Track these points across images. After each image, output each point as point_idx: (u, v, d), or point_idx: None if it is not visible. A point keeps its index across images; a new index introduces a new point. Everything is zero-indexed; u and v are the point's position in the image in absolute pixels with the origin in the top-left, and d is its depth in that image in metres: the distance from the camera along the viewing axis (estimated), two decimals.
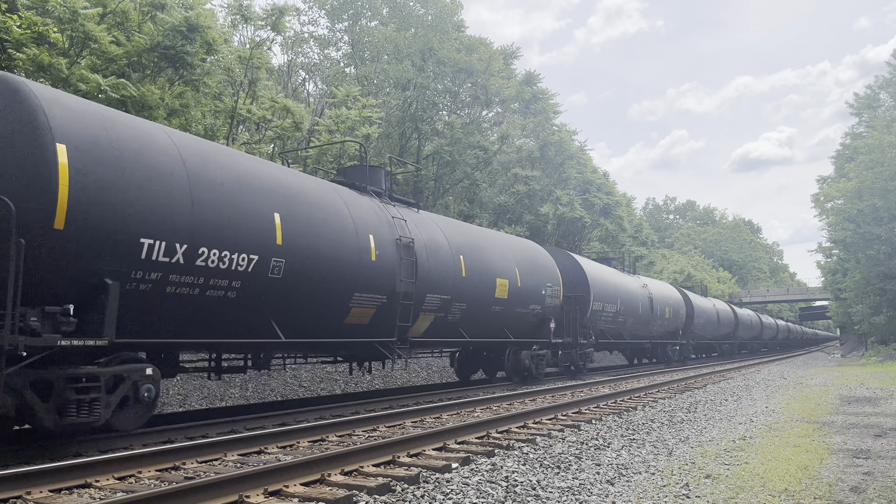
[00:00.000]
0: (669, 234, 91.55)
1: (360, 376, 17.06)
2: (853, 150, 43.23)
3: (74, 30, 12.22)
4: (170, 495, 4.56)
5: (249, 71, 17.42)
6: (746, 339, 46.06)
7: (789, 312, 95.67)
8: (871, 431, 9.00)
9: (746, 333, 45.02)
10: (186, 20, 13.40)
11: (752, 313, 48.95)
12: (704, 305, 34.42)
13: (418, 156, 28.89)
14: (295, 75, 28.59)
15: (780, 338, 62.42)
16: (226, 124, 16.80)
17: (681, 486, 5.67)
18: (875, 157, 37.06)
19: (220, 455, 6.64)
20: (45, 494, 5.17)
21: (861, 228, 37.31)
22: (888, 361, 30.53)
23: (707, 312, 34.26)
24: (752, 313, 49.55)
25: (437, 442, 7.34)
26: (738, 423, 9.71)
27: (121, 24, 13.90)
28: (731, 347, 41.53)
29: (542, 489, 5.49)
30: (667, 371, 23.00)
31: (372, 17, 32.86)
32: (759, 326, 49.00)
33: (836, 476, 6.13)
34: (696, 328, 31.95)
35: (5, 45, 11.42)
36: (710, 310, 35.10)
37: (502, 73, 33.31)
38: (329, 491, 5.31)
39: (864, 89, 50.78)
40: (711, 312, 35.19)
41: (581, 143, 41.88)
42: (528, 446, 7.52)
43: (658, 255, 55.33)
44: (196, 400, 12.72)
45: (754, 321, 47.51)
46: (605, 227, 40.07)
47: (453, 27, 32.85)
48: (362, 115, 20.12)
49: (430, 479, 5.79)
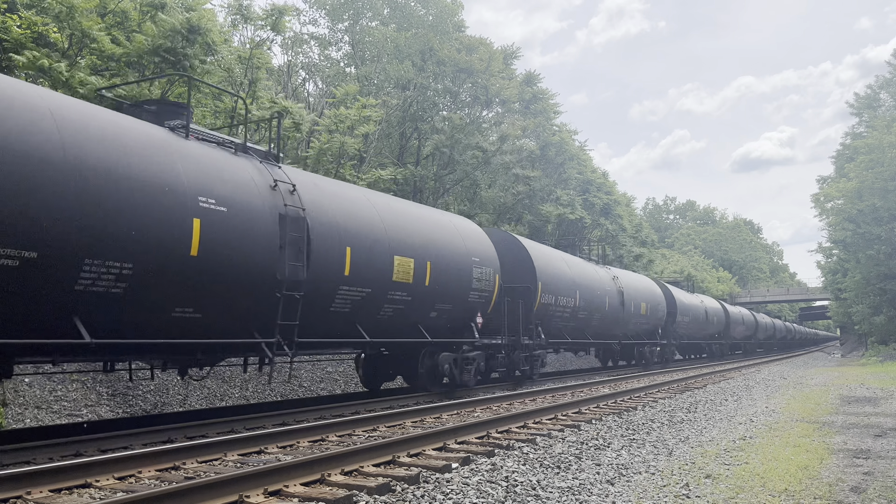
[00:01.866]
0: (669, 234, 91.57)
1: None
2: (853, 150, 43.23)
3: (72, 27, 12.21)
4: (170, 495, 4.56)
5: (249, 71, 17.42)
6: (739, 338, 43.46)
7: (789, 312, 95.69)
8: (871, 431, 9.00)
9: (739, 333, 42.42)
10: (188, 21, 13.40)
11: (746, 311, 46.38)
12: (690, 302, 31.63)
13: (418, 155, 28.90)
14: (295, 75, 28.59)
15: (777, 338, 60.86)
16: (225, 124, 16.80)
17: (681, 486, 5.66)
18: (875, 157, 37.07)
19: (220, 455, 6.64)
20: (45, 494, 5.16)
21: (861, 228, 37.31)
22: (888, 361, 30.52)
23: (693, 309, 31.42)
24: (747, 311, 47.06)
25: (437, 442, 7.34)
26: (739, 423, 9.71)
27: (121, 23, 13.90)
28: (722, 348, 38.88)
29: (542, 489, 5.49)
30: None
31: (372, 17, 32.87)
32: (753, 326, 46.18)
33: (836, 476, 6.13)
34: (679, 327, 29.32)
35: (5, 45, 11.42)
36: (696, 307, 32.25)
37: (502, 74, 33.31)
38: (329, 491, 5.31)
39: (864, 89, 50.85)
40: (698, 309, 32.37)
41: (581, 144, 41.96)
42: (528, 446, 7.52)
43: (658, 255, 55.32)
44: (196, 400, 12.73)
45: (748, 320, 44.81)
46: (605, 227, 40.09)
47: (454, 27, 32.86)
48: (362, 114, 20.11)
49: (431, 479, 5.79)
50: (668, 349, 28.55)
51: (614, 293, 22.20)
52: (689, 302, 31.67)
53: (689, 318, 30.67)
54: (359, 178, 19.79)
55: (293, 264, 8.90)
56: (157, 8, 13.80)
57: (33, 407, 10.23)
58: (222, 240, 8.02)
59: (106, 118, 7.48)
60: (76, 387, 11.20)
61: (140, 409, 11.54)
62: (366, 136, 21.20)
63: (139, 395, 11.98)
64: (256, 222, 8.51)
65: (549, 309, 17.44)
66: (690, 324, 31.16)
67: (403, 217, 11.86)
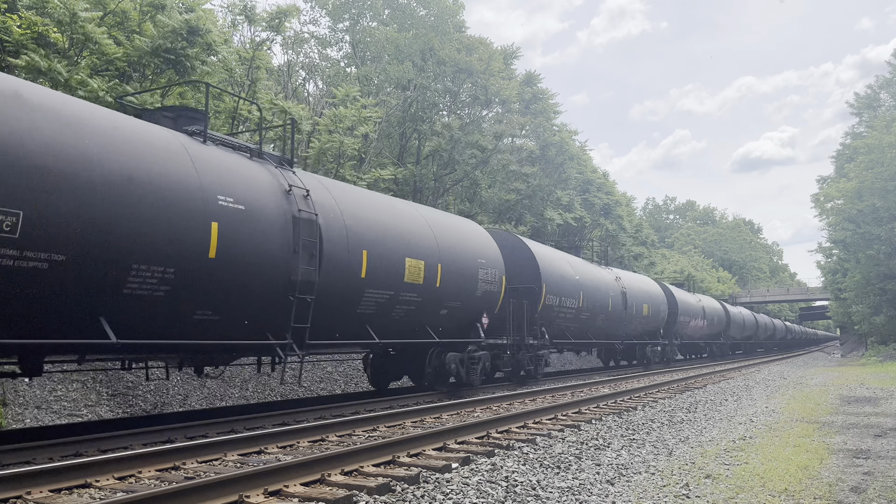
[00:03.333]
0: (669, 234, 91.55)
1: (360, 377, 17.05)
2: (853, 150, 43.24)
3: (74, 31, 12.21)
4: (170, 495, 4.56)
5: (250, 71, 17.43)
6: (739, 339, 43.81)
7: (789, 312, 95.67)
8: (871, 431, 9.00)
9: (739, 333, 42.65)
10: (187, 23, 13.40)
11: (746, 311, 46.72)
12: (690, 302, 32.16)
13: (418, 155, 28.90)
14: (295, 75, 28.58)
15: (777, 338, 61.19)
16: (226, 124, 16.80)
17: (681, 486, 5.67)
18: (875, 157, 37.06)
19: (220, 455, 6.64)
20: (45, 494, 5.16)
21: (861, 228, 37.31)
22: (888, 361, 30.52)
23: (693, 310, 32.01)
24: (747, 312, 47.41)
25: (437, 442, 7.34)
26: (738, 423, 9.71)
27: (120, 23, 13.90)
28: (722, 348, 39.30)
29: (542, 489, 5.49)
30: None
31: (373, 17, 32.87)
32: (753, 326, 46.66)
33: (836, 476, 6.13)
34: (680, 327, 29.78)
35: (5, 45, 11.42)
36: (696, 307, 32.75)
37: (502, 74, 33.30)
38: (329, 491, 5.31)
39: (864, 89, 50.86)
40: (698, 310, 32.92)
41: (581, 144, 41.94)
42: (528, 446, 7.52)
43: (658, 255, 55.32)
44: (196, 400, 12.73)
45: (748, 320, 45.12)
46: (605, 227, 40.09)
47: (454, 27, 32.85)
48: (362, 115, 20.11)
49: (430, 479, 5.79)
50: (669, 349, 28.88)
51: (617, 294, 22.36)
52: (689, 302, 32.06)
53: (689, 318, 31.04)
54: (359, 177, 19.79)
55: (306, 268, 9.11)
56: (156, 9, 13.80)
57: (33, 407, 10.23)
58: (239, 242, 8.19)
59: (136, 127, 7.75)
60: (76, 387, 11.20)
61: (140, 409, 11.54)
62: (366, 136, 21.19)
63: (139, 395, 11.98)
64: (272, 225, 8.72)
65: (553, 310, 17.61)
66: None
67: (413, 220, 12.13)
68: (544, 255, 17.84)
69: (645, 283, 27.08)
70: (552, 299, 17.40)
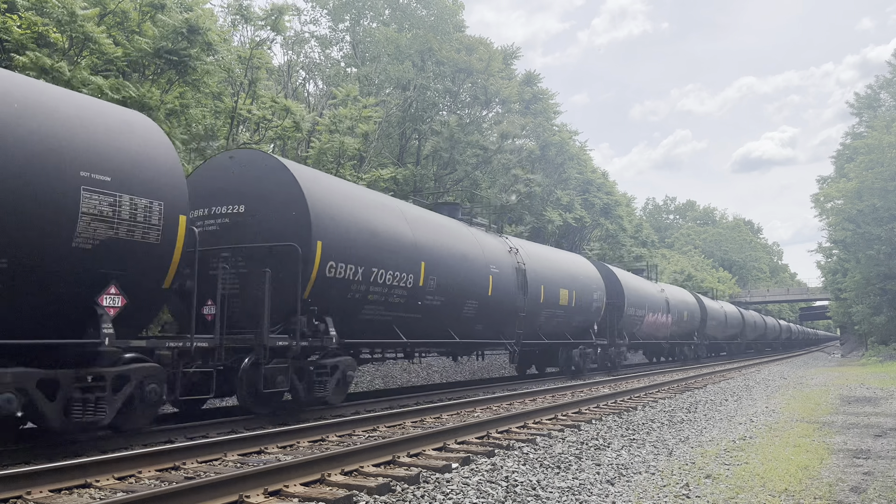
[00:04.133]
0: (669, 234, 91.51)
1: (360, 377, 17.05)
2: (853, 151, 43.24)
3: (74, 31, 12.21)
4: (170, 495, 4.56)
5: (249, 71, 17.42)
6: (752, 339, 48.17)
7: (790, 312, 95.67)
8: (871, 431, 9.00)
9: (752, 334, 47.15)
10: (187, 21, 13.39)
11: (757, 315, 51.36)
12: (715, 308, 36.60)
13: (418, 155, 28.89)
14: (295, 75, 28.58)
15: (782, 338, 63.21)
16: (226, 124, 16.80)
17: (681, 486, 5.67)
18: (875, 157, 37.06)
19: (220, 455, 6.64)
20: (45, 494, 5.17)
21: (861, 228, 37.31)
22: (888, 361, 30.52)
23: (717, 314, 36.31)
24: (758, 315, 51.88)
25: (437, 442, 7.34)
26: (739, 423, 9.71)
27: (120, 23, 13.89)
28: (739, 347, 44.37)
29: (542, 489, 5.49)
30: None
31: (373, 18, 32.86)
32: (763, 327, 51.39)
33: (836, 476, 6.13)
34: (708, 329, 34.24)
35: (5, 45, 11.41)
36: (719, 312, 37.10)
37: (502, 74, 33.28)
38: (329, 491, 5.31)
39: (864, 89, 50.86)
40: (721, 314, 37.18)
41: (582, 144, 41.91)
42: (528, 446, 7.52)
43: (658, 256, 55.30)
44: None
45: (759, 322, 49.79)
46: (605, 227, 40.07)
47: (454, 27, 32.83)
48: (362, 114, 20.11)
49: (431, 479, 5.80)
50: (700, 348, 34.01)
51: (664, 303, 27.71)
52: (714, 308, 36.76)
53: (715, 321, 35.84)
54: (359, 177, 19.78)
55: (521, 296, 15.49)
56: (156, 8, 13.79)
57: None
58: (500, 286, 14.42)
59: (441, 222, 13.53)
60: None
61: None
62: (366, 136, 21.18)
63: None
64: (509, 275, 15.00)
65: (630, 318, 23.49)
66: (716, 326, 36.00)
67: (560, 261, 18.75)
68: (625, 278, 23.74)
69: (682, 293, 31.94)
70: (631, 310, 23.19)
